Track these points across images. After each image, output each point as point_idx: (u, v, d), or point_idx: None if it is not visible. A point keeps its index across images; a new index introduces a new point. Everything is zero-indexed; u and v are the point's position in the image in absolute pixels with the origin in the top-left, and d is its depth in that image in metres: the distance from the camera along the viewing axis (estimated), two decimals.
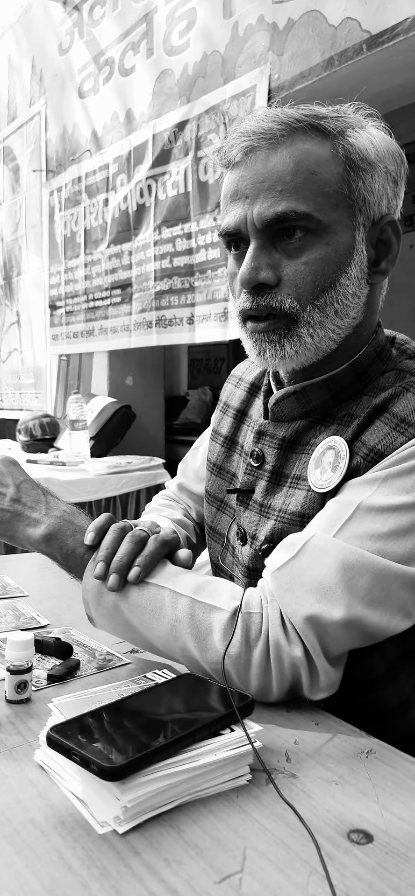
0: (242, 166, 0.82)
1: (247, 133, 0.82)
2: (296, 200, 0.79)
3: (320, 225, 0.80)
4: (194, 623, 0.75)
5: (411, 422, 0.78)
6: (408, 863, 0.52)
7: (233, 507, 0.96)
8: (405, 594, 0.73)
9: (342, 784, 0.62)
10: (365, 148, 0.81)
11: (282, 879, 0.50)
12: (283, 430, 0.89)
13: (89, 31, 4.03)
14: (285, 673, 0.74)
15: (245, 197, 0.82)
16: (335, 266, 0.81)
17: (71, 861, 0.52)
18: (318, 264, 0.80)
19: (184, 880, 0.50)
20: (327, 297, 0.81)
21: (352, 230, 0.82)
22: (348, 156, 0.80)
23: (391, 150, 0.84)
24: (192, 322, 3.27)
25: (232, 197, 0.84)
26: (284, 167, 0.79)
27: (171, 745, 0.58)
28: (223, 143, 0.86)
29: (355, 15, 2.38)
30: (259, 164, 0.81)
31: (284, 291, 0.81)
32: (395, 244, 0.85)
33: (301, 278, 0.81)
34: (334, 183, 0.80)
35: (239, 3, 2.91)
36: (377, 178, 0.82)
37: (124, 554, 0.79)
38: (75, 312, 4.22)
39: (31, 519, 0.84)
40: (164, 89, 3.43)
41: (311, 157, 0.80)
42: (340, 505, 0.77)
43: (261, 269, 0.81)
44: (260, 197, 0.80)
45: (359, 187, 0.81)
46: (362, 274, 0.83)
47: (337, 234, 0.81)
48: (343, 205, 0.81)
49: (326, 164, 0.80)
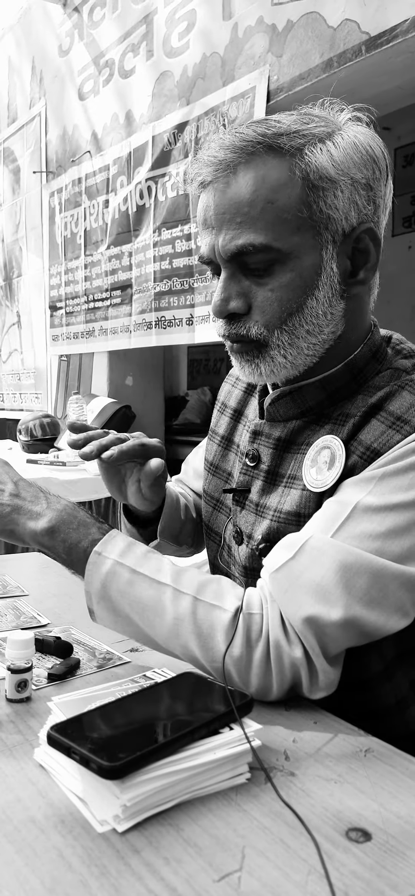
0: (206, 193, 0.83)
1: (206, 163, 0.82)
2: (254, 233, 0.79)
3: (281, 253, 0.79)
4: (196, 622, 0.76)
5: (407, 420, 0.78)
6: (406, 861, 0.52)
7: (229, 507, 0.96)
8: (403, 594, 0.73)
9: (341, 782, 0.63)
10: (323, 165, 0.79)
11: (281, 878, 0.50)
12: (278, 430, 0.89)
13: (89, 33, 4.04)
14: (285, 673, 0.74)
15: (211, 227, 0.83)
16: (301, 290, 0.81)
17: (71, 859, 0.53)
18: (283, 291, 0.81)
19: (183, 879, 0.50)
20: (294, 320, 0.82)
21: (318, 250, 0.81)
22: (305, 177, 0.78)
23: (360, 157, 0.80)
24: (191, 323, 3.27)
25: (202, 225, 0.85)
26: (241, 198, 0.79)
27: (170, 743, 0.59)
28: (187, 169, 0.86)
29: (354, 16, 2.39)
30: (219, 194, 0.81)
31: (253, 319, 0.83)
32: (373, 252, 0.84)
33: (268, 305, 0.82)
34: (293, 207, 0.79)
35: (238, 5, 2.92)
36: (341, 193, 0.80)
37: (106, 439, 0.88)
38: (75, 313, 4.22)
39: (32, 512, 0.84)
40: (163, 91, 3.44)
41: (267, 183, 0.78)
42: (337, 505, 0.77)
43: (231, 299, 0.83)
44: (223, 229, 0.81)
45: (320, 207, 0.79)
46: (334, 291, 0.82)
47: (301, 259, 0.80)
48: (305, 227, 0.80)
49: (283, 188, 0.79)
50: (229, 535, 0.95)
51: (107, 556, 0.80)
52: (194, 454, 1.18)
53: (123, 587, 0.78)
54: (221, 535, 0.98)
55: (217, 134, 0.84)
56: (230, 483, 0.98)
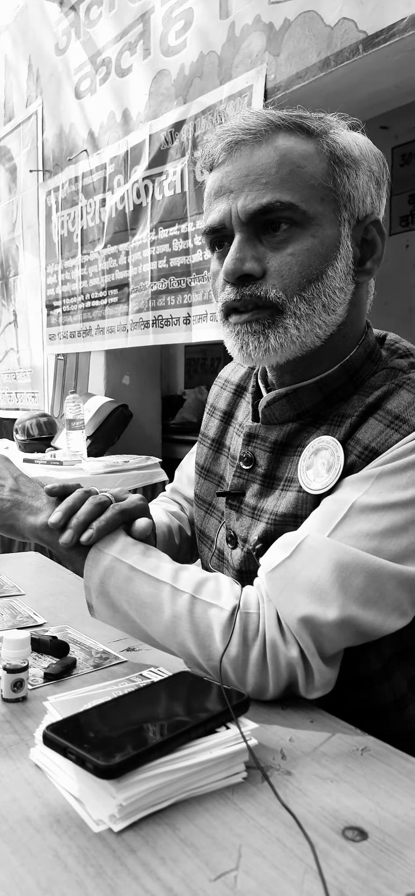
0: (226, 163, 0.83)
1: (231, 130, 0.82)
2: (280, 192, 0.79)
3: (306, 216, 0.80)
4: (194, 620, 0.76)
5: (405, 419, 0.78)
6: (402, 860, 0.52)
7: (221, 511, 0.96)
8: (400, 594, 0.73)
9: (337, 781, 0.63)
10: (349, 144, 0.83)
11: (277, 877, 0.50)
12: (274, 433, 0.89)
13: (86, 32, 4.03)
14: (282, 672, 0.74)
15: (230, 191, 0.82)
16: (322, 258, 0.81)
17: (67, 859, 0.52)
18: (304, 255, 0.80)
19: (179, 878, 0.50)
20: (313, 289, 0.81)
21: (337, 225, 0.82)
22: (332, 152, 0.82)
23: (374, 152, 0.86)
24: (188, 322, 3.27)
25: (216, 194, 0.84)
26: (269, 160, 0.80)
27: (166, 743, 0.58)
28: (208, 141, 0.86)
29: (352, 15, 2.39)
30: (244, 158, 0.81)
31: (269, 282, 0.81)
32: (379, 244, 0.86)
33: (287, 269, 0.80)
34: (319, 176, 0.81)
35: (235, 4, 2.91)
36: (362, 175, 0.83)
37: (83, 513, 0.81)
38: (72, 312, 4.21)
39: (32, 507, 0.84)
40: (160, 89, 3.43)
41: (295, 151, 0.81)
42: (334, 504, 0.77)
43: (246, 260, 0.81)
44: (245, 190, 0.81)
45: (344, 182, 0.82)
46: (348, 269, 0.83)
47: (323, 227, 0.81)
48: (328, 199, 0.81)
49: (310, 158, 0.81)
50: (221, 540, 0.95)
51: (106, 552, 0.80)
52: (187, 460, 1.17)
53: (122, 584, 0.78)
54: (213, 539, 0.98)
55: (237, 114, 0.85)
56: (222, 486, 0.97)
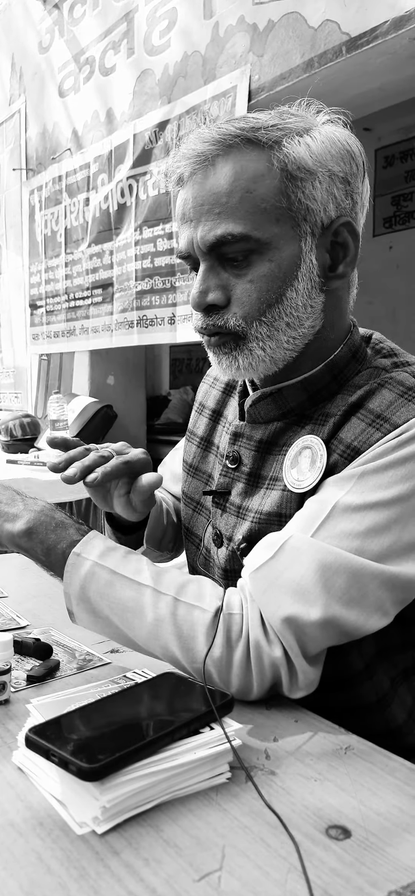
0: (185, 188, 0.83)
1: (185, 157, 0.82)
2: (233, 222, 0.79)
3: (260, 243, 0.79)
4: (176, 623, 0.75)
5: (387, 417, 0.78)
6: (385, 857, 0.53)
7: (208, 509, 0.96)
8: (383, 593, 0.74)
9: (321, 780, 0.63)
10: (301, 156, 0.79)
11: (261, 877, 0.50)
12: (259, 432, 0.89)
13: (70, 30, 4.01)
14: (265, 673, 0.74)
15: (190, 220, 0.82)
16: (280, 281, 0.81)
17: (49, 862, 0.52)
18: (262, 281, 0.81)
19: (163, 879, 0.50)
20: (274, 311, 0.81)
21: (297, 241, 0.81)
22: (283, 167, 0.79)
23: (335, 151, 0.81)
24: (173, 322, 3.26)
25: (181, 220, 0.85)
26: (220, 189, 0.79)
27: (150, 744, 0.58)
28: (166, 168, 0.86)
29: (335, 17, 2.40)
30: (197, 186, 0.81)
31: (231, 311, 0.82)
32: (352, 245, 0.84)
33: (247, 297, 0.81)
34: (271, 197, 0.79)
35: (219, 4, 2.92)
36: (319, 184, 0.80)
37: (89, 459, 0.84)
38: (56, 312, 4.19)
39: (8, 514, 0.83)
40: (144, 89, 3.43)
41: (246, 173, 0.79)
42: (317, 504, 0.77)
43: (209, 291, 0.82)
44: (202, 220, 0.81)
45: (298, 197, 0.80)
46: (313, 283, 0.82)
47: (280, 249, 0.80)
48: (284, 218, 0.80)
49: (261, 179, 0.79)
50: (208, 538, 0.95)
51: (86, 557, 0.79)
52: (171, 457, 1.17)
53: (103, 588, 0.78)
54: (200, 537, 0.98)
55: (193, 131, 0.84)
56: (210, 484, 0.97)
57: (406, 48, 2.29)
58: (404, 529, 0.74)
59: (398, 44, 2.26)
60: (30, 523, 0.81)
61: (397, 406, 0.78)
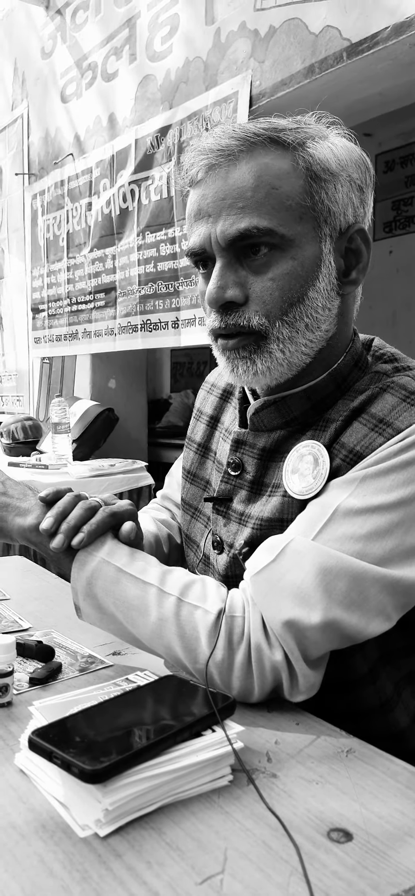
0: (203, 184, 0.82)
1: (205, 151, 0.81)
2: (258, 216, 0.78)
3: (284, 239, 0.79)
4: (180, 623, 0.76)
5: (390, 422, 0.78)
6: (387, 861, 0.53)
7: (207, 516, 0.96)
8: (384, 597, 0.74)
9: (323, 783, 0.63)
10: (326, 158, 0.80)
11: (263, 880, 0.51)
12: (262, 440, 0.89)
13: (72, 36, 4.02)
14: (267, 676, 0.74)
15: (208, 215, 0.82)
16: (302, 280, 0.81)
17: (52, 865, 0.52)
18: (284, 279, 0.80)
19: (165, 882, 0.50)
20: (296, 311, 0.81)
21: (318, 242, 0.81)
22: (308, 167, 0.80)
23: (354, 158, 0.83)
24: (177, 326, 3.27)
25: (196, 216, 0.84)
26: (245, 183, 0.79)
27: (152, 747, 0.58)
28: (184, 162, 0.86)
29: (336, 23, 2.41)
30: (219, 181, 0.80)
31: (251, 308, 0.81)
32: (365, 253, 0.85)
33: (268, 294, 0.81)
34: (296, 196, 0.79)
35: (221, 10, 2.93)
36: (341, 187, 0.81)
37: (73, 518, 0.82)
38: (58, 316, 4.20)
39: (20, 509, 0.84)
40: (146, 94, 3.44)
41: (271, 171, 0.79)
42: (319, 507, 0.77)
43: (227, 287, 0.81)
44: (222, 215, 0.80)
45: (322, 198, 0.80)
46: (332, 286, 0.83)
47: (302, 248, 0.80)
48: (307, 217, 0.80)
49: (286, 177, 0.79)
50: (207, 545, 0.95)
51: (94, 554, 0.80)
52: (177, 465, 1.17)
53: (109, 585, 0.79)
54: (199, 544, 0.98)
55: (212, 130, 0.84)
56: (208, 491, 0.97)
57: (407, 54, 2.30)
58: (407, 534, 0.74)
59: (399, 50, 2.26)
60: (40, 518, 0.82)
61: (399, 410, 0.78)
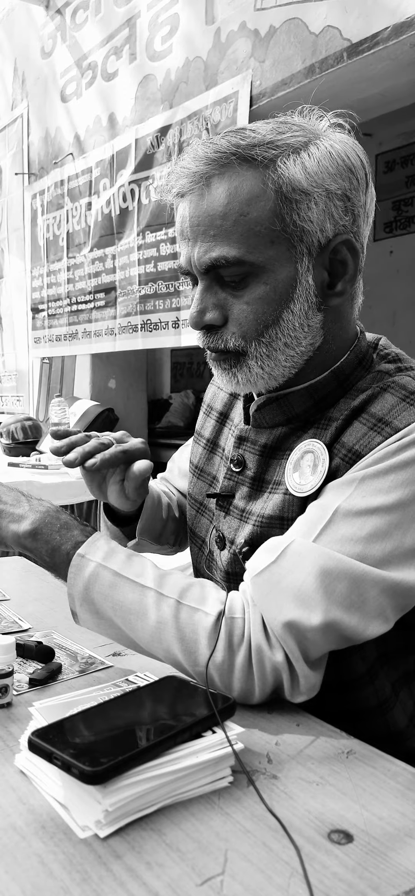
0: (182, 204, 0.83)
1: (179, 175, 0.82)
2: (227, 245, 0.79)
3: (255, 266, 0.79)
4: (179, 626, 0.76)
5: (389, 421, 0.78)
6: (387, 862, 0.53)
7: (212, 511, 0.96)
8: (383, 599, 0.74)
9: (323, 784, 0.63)
10: (296, 178, 0.78)
11: (263, 881, 0.51)
12: (264, 437, 0.89)
13: (72, 35, 4.02)
14: (267, 677, 0.74)
15: (188, 239, 0.83)
16: (276, 303, 0.81)
17: (52, 866, 0.52)
18: (258, 304, 0.81)
19: (165, 883, 0.50)
20: (271, 332, 0.82)
21: (293, 262, 0.80)
22: (278, 189, 0.78)
23: (336, 167, 0.79)
24: (177, 326, 3.27)
25: (180, 236, 0.85)
26: (215, 211, 0.79)
27: (152, 748, 0.58)
28: (162, 182, 0.86)
29: (336, 23, 2.41)
30: (193, 206, 0.81)
31: (230, 331, 0.83)
32: (351, 263, 0.83)
33: (244, 317, 0.82)
34: (265, 221, 0.78)
35: (221, 10, 2.93)
36: (315, 205, 0.79)
37: (89, 445, 0.88)
38: (58, 315, 4.20)
39: (14, 515, 0.84)
40: (146, 94, 3.44)
41: (240, 195, 0.78)
42: (319, 509, 0.77)
43: (207, 310, 0.83)
44: (198, 241, 0.81)
45: (293, 220, 0.79)
46: (310, 304, 0.82)
47: (275, 272, 0.80)
48: (279, 240, 0.79)
49: (255, 201, 0.78)
50: (211, 540, 0.95)
51: (90, 558, 0.79)
52: (180, 453, 1.19)
53: (106, 590, 0.78)
54: (204, 539, 0.98)
55: (191, 146, 0.84)
56: (215, 486, 0.98)
57: (407, 54, 2.30)
58: (406, 535, 0.74)
59: (399, 50, 2.26)
60: (35, 524, 0.82)
61: (398, 410, 0.78)
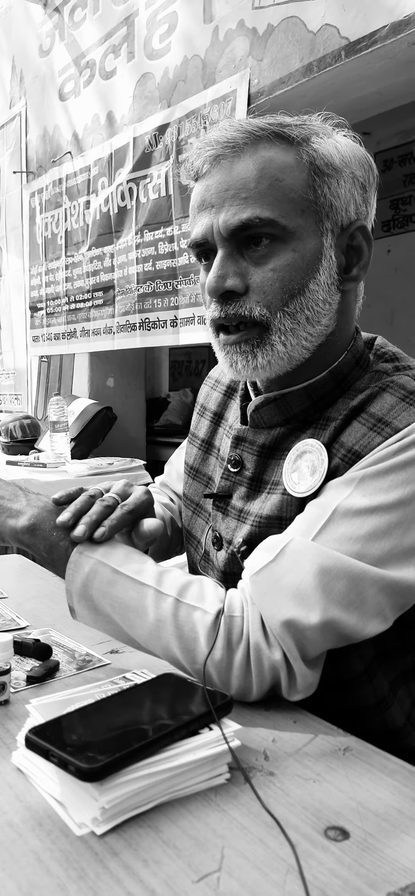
0: (207, 177, 0.83)
1: (211, 143, 0.82)
2: (260, 207, 0.79)
3: (286, 231, 0.80)
4: (178, 624, 0.76)
5: (388, 421, 0.78)
6: (384, 859, 0.53)
7: (208, 512, 0.96)
8: (382, 598, 0.74)
9: (320, 781, 0.63)
10: (330, 153, 0.82)
11: (259, 878, 0.51)
12: (262, 437, 0.89)
13: (70, 34, 4.02)
14: (265, 676, 0.74)
15: (211, 206, 0.82)
16: (303, 272, 0.81)
17: (49, 863, 0.52)
18: (285, 271, 0.81)
19: (162, 880, 0.50)
20: (296, 303, 0.81)
21: (319, 236, 0.82)
22: (312, 161, 0.81)
23: (358, 157, 0.84)
24: (175, 325, 3.27)
25: (199, 207, 0.84)
26: (248, 174, 0.80)
27: (149, 745, 0.58)
28: (189, 155, 0.86)
29: (334, 22, 2.41)
30: (224, 172, 0.81)
31: (252, 299, 0.81)
32: (366, 250, 0.85)
33: (269, 285, 0.81)
34: (299, 188, 0.80)
35: (219, 8, 2.93)
36: (344, 183, 0.82)
37: (94, 513, 0.83)
38: (56, 314, 4.20)
39: (11, 510, 0.84)
40: (145, 93, 3.43)
41: (274, 163, 0.80)
42: (318, 508, 0.77)
43: (228, 276, 0.82)
44: (225, 205, 0.81)
45: (325, 192, 0.81)
46: (332, 280, 0.83)
47: (303, 240, 0.81)
48: (309, 210, 0.81)
49: (290, 170, 0.80)
50: (207, 541, 0.95)
51: (88, 555, 0.79)
52: (177, 455, 1.18)
53: (105, 587, 0.78)
54: (200, 539, 0.98)
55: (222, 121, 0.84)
56: (211, 487, 0.98)
57: (405, 52, 2.30)
58: (405, 534, 0.75)
59: (397, 48, 2.26)
60: (32, 519, 0.82)
61: (398, 410, 0.78)
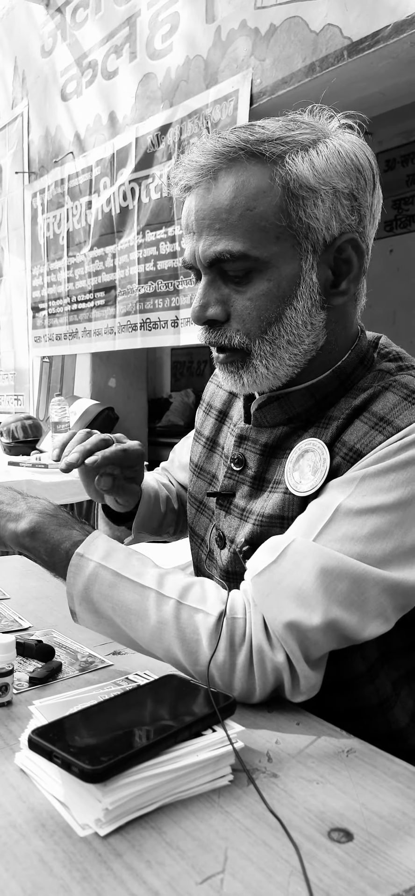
0: (189, 198, 0.83)
1: (187, 168, 0.82)
2: (232, 240, 0.79)
3: (259, 261, 0.79)
4: (180, 626, 0.75)
5: (390, 420, 0.78)
6: (387, 860, 0.53)
7: (211, 510, 0.96)
8: (384, 599, 0.74)
9: (323, 783, 0.63)
10: (304, 174, 0.78)
11: (263, 879, 0.51)
12: (265, 436, 0.89)
13: (72, 34, 4.02)
14: (268, 677, 0.74)
15: (193, 232, 0.83)
16: (279, 300, 0.81)
17: (52, 864, 0.52)
18: (261, 300, 0.81)
19: (165, 882, 0.50)
20: (274, 329, 0.82)
21: (298, 259, 0.80)
22: (285, 185, 0.78)
23: (343, 166, 0.79)
24: (176, 325, 3.27)
25: (185, 230, 0.85)
26: (221, 204, 0.79)
27: (152, 746, 0.58)
28: (172, 175, 0.86)
29: (337, 21, 2.41)
30: (199, 199, 0.81)
31: (233, 327, 0.83)
32: (355, 263, 0.83)
33: (247, 314, 0.81)
34: (271, 216, 0.78)
35: (221, 8, 2.93)
36: (322, 202, 0.79)
37: (89, 443, 0.89)
38: (58, 314, 4.20)
39: (11, 514, 0.84)
40: (147, 93, 3.43)
41: (247, 190, 0.78)
42: (320, 507, 0.77)
43: (209, 305, 0.83)
44: (203, 234, 0.81)
45: (299, 216, 0.79)
46: (313, 302, 0.82)
47: (279, 268, 0.80)
48: (285, 236, 0.79)
49: (262, 196, 0.78)
50: (211, 539, 0.95)
51: (89, 558, 0.79)
52: (181, 445, 1.20)
53: (106, 590, 0.78)
54: (204, 538, 0.98)
55: (200, 139, 0.84)
56: (214, 485, 0.98)
57: (408, 52, 2.30)
58: (406, 534, 0.74)
59: (400, 48, 2.26)
60: (33, 523, 0.82)
61: (400, 409, 0.78)
